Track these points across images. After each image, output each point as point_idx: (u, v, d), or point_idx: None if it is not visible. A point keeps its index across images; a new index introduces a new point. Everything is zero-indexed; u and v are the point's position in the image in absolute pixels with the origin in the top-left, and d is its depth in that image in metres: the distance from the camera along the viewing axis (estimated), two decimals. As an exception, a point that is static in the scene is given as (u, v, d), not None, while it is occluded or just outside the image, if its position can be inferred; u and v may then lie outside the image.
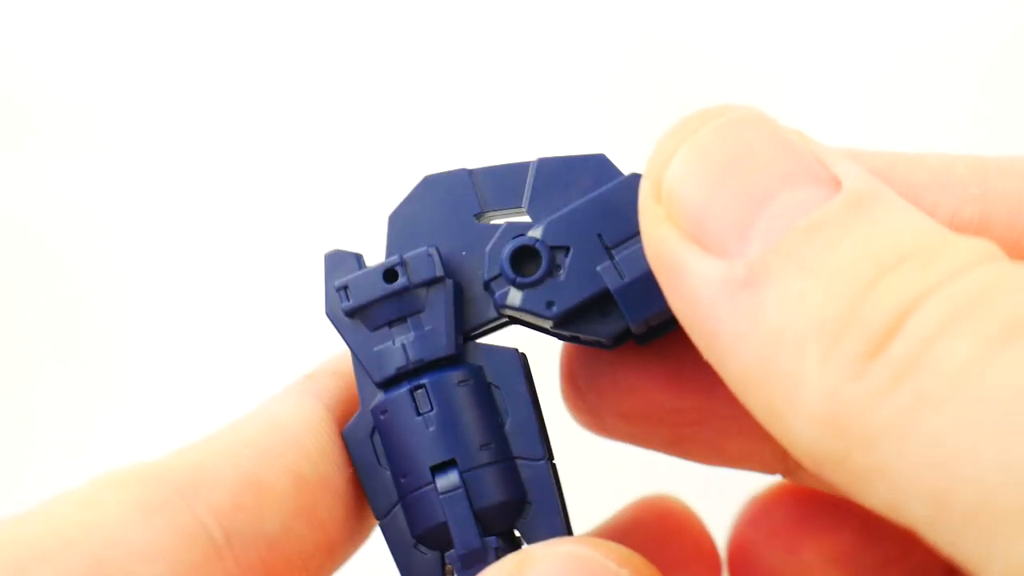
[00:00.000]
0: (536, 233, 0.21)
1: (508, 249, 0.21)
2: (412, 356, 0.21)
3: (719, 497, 0.27)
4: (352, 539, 0.22)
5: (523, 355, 0.22)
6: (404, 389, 0.21)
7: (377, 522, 0.22)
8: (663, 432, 0.24)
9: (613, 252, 0.21)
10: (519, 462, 0.21)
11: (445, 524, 0.20)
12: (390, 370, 0.21)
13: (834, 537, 0.25)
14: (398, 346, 0.21)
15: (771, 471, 0.24)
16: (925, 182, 0.20)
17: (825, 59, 0.45)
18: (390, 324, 0.21)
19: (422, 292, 0.21)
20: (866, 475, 0.15)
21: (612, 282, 0.20)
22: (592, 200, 0.21)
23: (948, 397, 0.15)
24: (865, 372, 0.15)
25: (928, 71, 0.45)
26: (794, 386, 0.16)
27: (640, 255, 0.20)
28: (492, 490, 0.21)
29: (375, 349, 0.21)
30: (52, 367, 0.47)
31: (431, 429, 0.21)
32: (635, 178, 0.21)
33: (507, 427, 0.21)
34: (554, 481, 0.21)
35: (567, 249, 0.21)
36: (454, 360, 0.21)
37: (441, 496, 0.20)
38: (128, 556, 0.18)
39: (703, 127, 0.18)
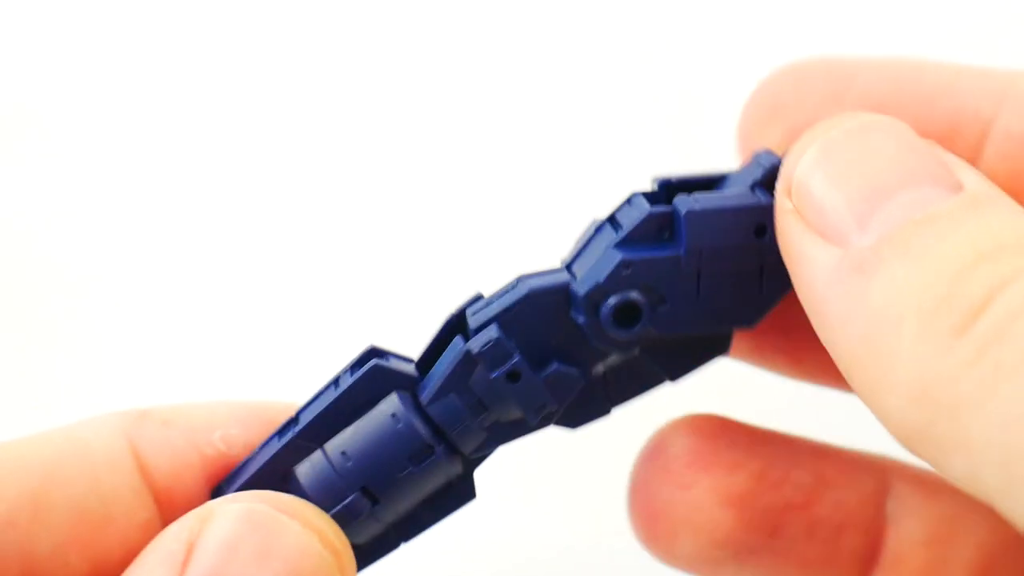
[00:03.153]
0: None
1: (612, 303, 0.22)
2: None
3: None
4: None
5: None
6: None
7: None
8: (747, 342, 0.25)
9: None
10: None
11: None
12: None
13: (729, 477, 0.25)
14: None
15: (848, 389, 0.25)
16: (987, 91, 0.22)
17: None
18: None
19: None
20: (949, 446, 0.16)
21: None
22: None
23: (1022, 366, 0.15)
24: (954, 347, 0.16)
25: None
26: (890, 362, 0.17)
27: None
28: None
29: None
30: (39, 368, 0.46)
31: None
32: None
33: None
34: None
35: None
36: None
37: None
38: None
39: (834, 129, 0.20)
